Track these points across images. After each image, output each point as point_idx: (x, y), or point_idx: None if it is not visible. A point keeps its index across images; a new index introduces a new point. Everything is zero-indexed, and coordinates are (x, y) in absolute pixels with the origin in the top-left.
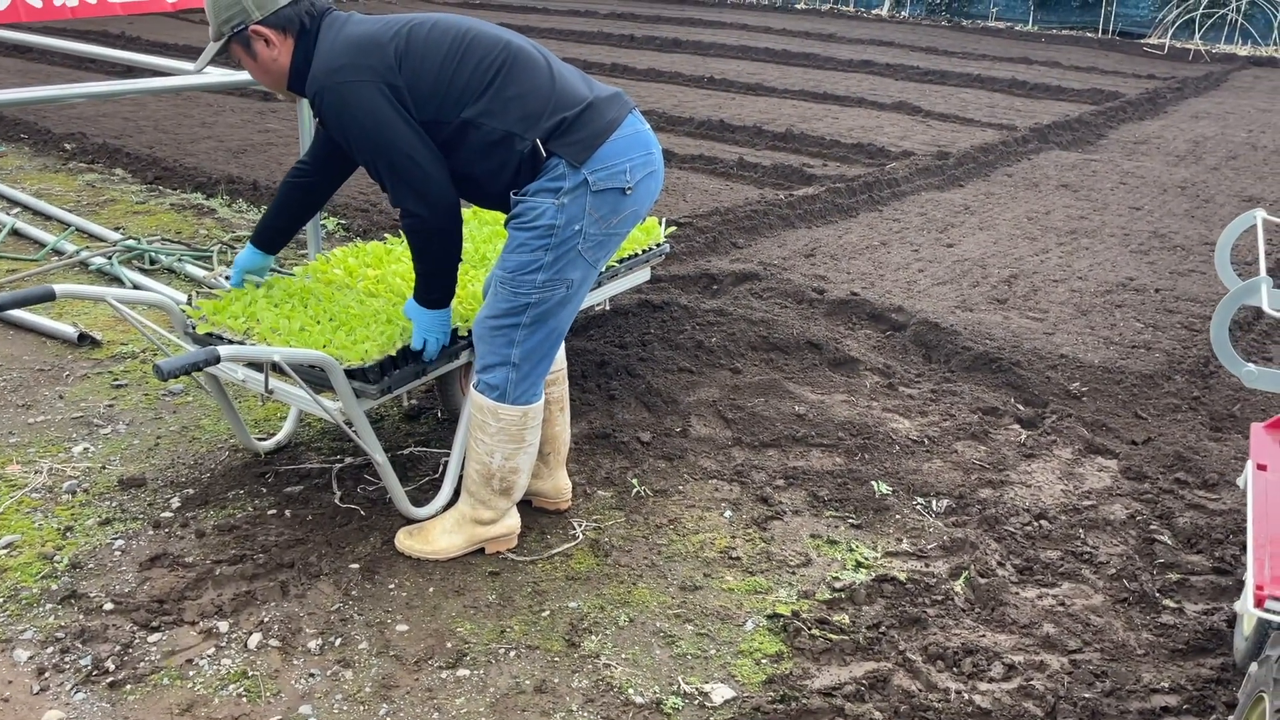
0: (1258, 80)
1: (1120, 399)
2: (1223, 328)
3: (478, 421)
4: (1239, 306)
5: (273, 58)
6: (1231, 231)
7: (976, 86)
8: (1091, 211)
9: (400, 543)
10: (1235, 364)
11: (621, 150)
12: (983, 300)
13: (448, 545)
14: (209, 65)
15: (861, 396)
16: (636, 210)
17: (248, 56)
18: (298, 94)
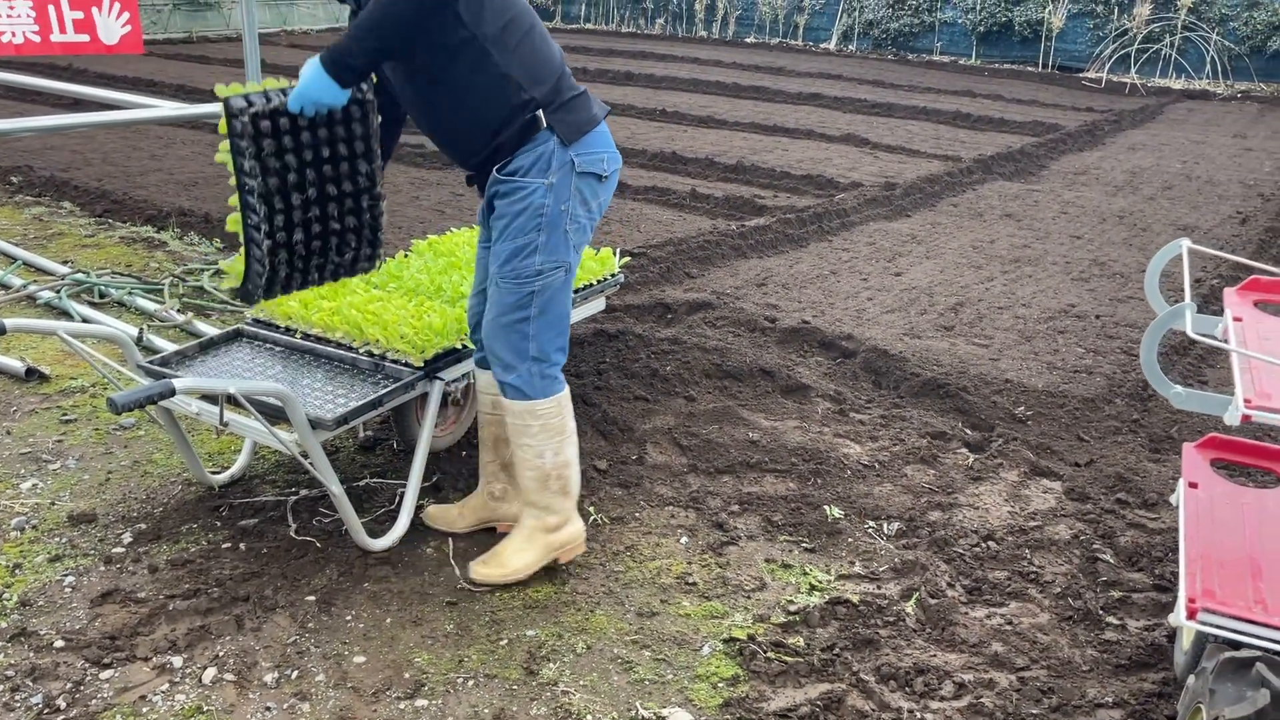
0: (1191, 113)
1: (1063, 422)
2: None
3: (517, 428)
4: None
5: None
6: (1159, 260)
7: (922, 119)
8: (1034, 240)
9: (476, 573)
10: (1164, 386)
11: (602, 142)
12: (930, 328)
13: (522, 564)
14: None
15: (813, 422)
16: (603, 202)
17: None
18: None
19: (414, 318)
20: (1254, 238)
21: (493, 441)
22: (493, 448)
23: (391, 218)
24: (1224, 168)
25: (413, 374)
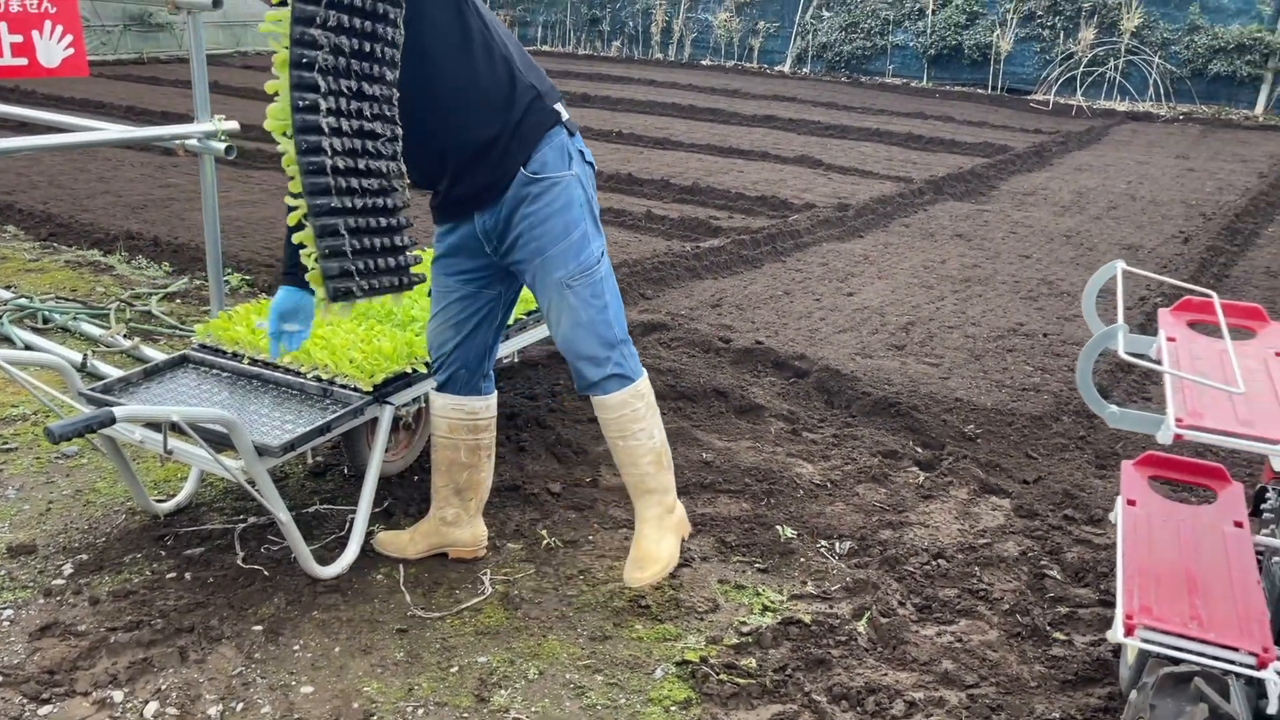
0: (1135, 134)
1: (1012, 440)
2: (1086, 372)
3: (626, 418)
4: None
5: None
6: (1096, 282)
7: (875, 140)
8: (984, 260)
9: (638, 580)
10: (1099, 406)
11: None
12: (882, 347)
13: (670, 552)
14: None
15: (766, 442)
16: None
17: None
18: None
19: (363, 342)
20: (1196, 256)
21: (447, 466)
22: (446, 472)
23: None
24: (1167, 188)
25: (362, 399)
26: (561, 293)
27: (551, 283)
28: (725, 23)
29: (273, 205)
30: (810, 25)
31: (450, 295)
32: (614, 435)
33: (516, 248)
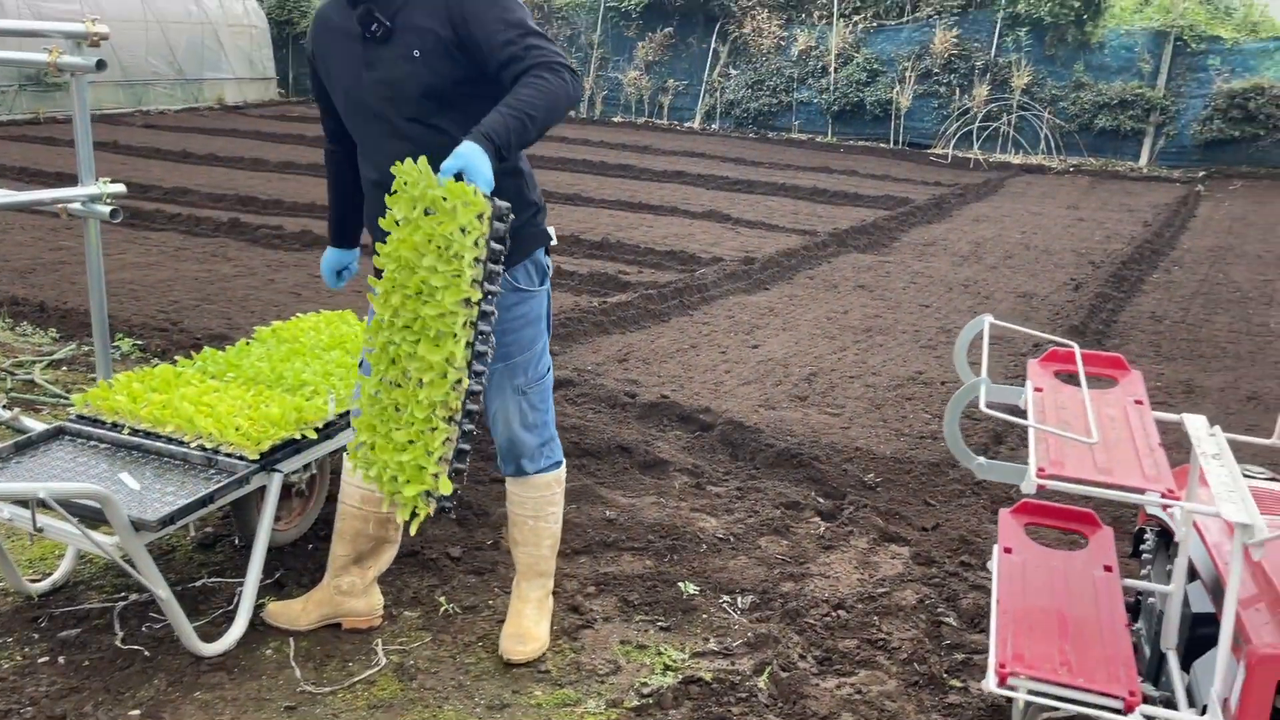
0: (1029, 186)
1: (911, 487)
2: (954, 424)
3: (546, 499)
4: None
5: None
6: (965, 336)
7: (782, 195)
8: (885, 310)
9: (518, 654)
10: (967, 458)
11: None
12: (785, 398)
13: (547, 633)
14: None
15: (671, 498)
16: None
17: None
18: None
19: (250, 408)
20: (1086, 303)
21: (352, 536)
22: (350, 541)
23: (245, 301)
24: (1059, 237)
25: (247, 467)
26: (516, 398)
27: (508, 387)
28: (635, 80)
29: (169, 267)
30: (718, 83)
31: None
32: (527, 514)
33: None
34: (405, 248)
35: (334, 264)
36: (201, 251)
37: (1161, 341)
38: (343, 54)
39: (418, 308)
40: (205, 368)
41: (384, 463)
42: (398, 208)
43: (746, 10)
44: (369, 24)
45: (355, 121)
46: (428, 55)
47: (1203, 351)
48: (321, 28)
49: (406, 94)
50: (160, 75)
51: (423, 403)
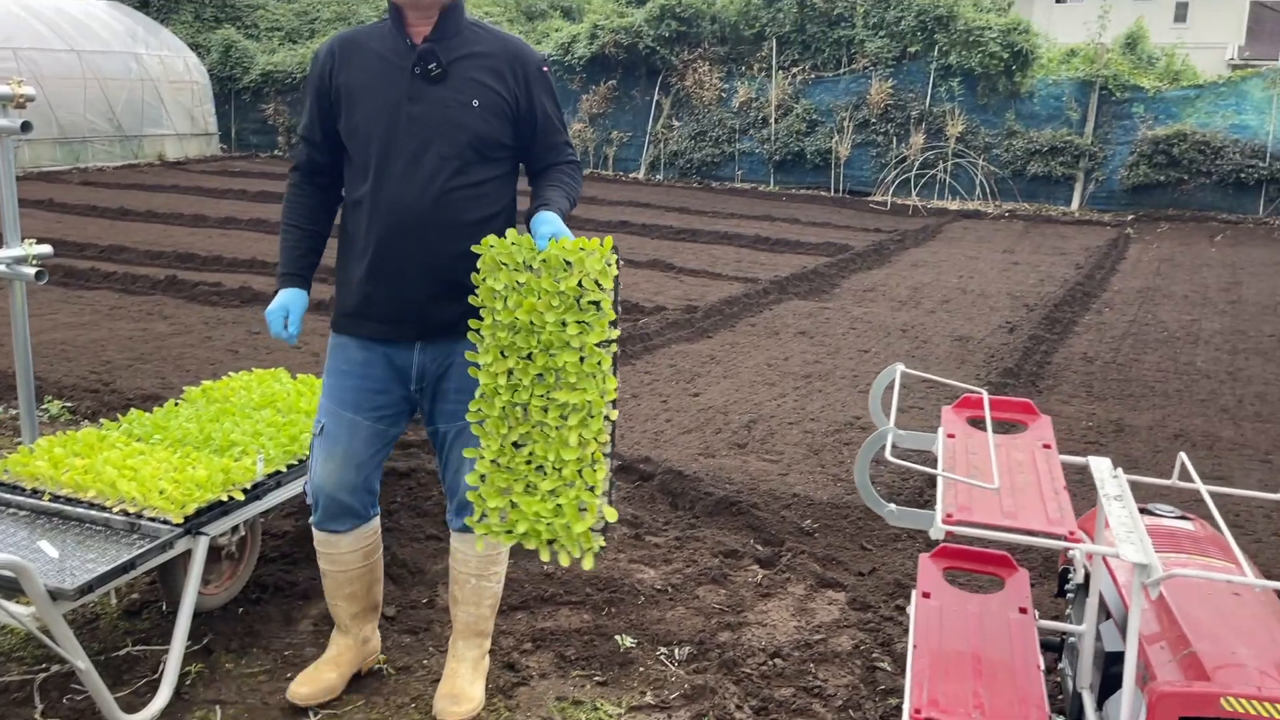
0: (966, 231)
1: (848, 533)
2: (864, 473)
3: (492, 557)
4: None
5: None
6: (879, 384)
7: (725, 243)
8: (825, 355)
9: (455, 713)
10: (879, 505)
11: None
12: (724, 446)
13: (481, 694)
14: None
15: (609, 549)
16: None
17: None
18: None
19: (176, 470)
20: (1020, 345)
21: (366, 589)
22: (363, 597)
23: (180, 360)
24: (994, 281)
25: (171, 531)
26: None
27: (474, 438)
28: (579, 133)
29: (103, 327)
30: (661, 134)
31: (357, 433)
32: (471, 572)
33: (453, 399)
34: (524, 311)
35: (301, 307)
36: (137, 310)
37: (1093, 382)
38: (380, 80)
39: (548, 361)
40: (131, 430)
41: (533, 515)
42: (495, 279)
43: (688, 64)
44: (429, 61)
45: (375, 148)
46: (485, 109)
47: (1132, 391)
48: (351, 51)
49: (456, 137)
50: (99, 132)
51: (573, 445)
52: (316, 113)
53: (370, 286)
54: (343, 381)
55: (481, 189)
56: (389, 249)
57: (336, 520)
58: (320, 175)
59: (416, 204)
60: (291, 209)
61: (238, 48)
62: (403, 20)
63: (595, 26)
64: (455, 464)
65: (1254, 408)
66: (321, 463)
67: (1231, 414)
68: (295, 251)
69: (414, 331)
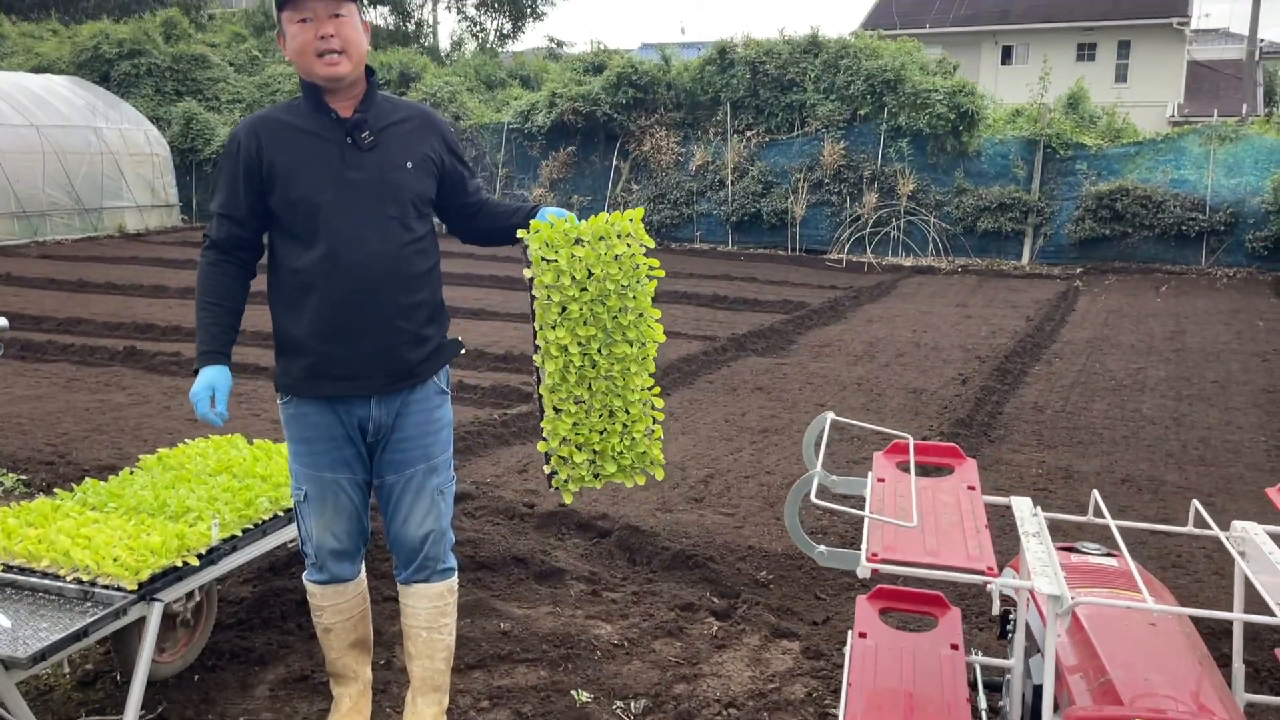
0: (920, 286)
1: (802, 583)
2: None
3: (441, 609)
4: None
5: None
6: (812, 431)
7: (685, 302)
8: (782, 410)
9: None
10: (808, 547)
11: None
12: (681, 500)
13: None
14: None
15: (567, 606)
16: None
17: (363, 20)
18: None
19: (130, 537)
20: (972, 396)
21: (367, 629)
22: (367, 634)
23: (138, 430)
24: (948, 335)
25: (125, 598)
26: (433, 498)
27: (428, 488)
28: (540, 198)
29: (60, 399)
30: (621, 198)
31: (341, 489)
32: (422, 625)
33: (403, 448)
34: (593, 282)
35: (226, 386)
36: (94, 381)
37: (1043, 430)
38: (314, 153)
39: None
40: (86, 499)
41: (615, 454)
42: (558, 257)
43: (645, 129)
44: (362, 131)
45: (321, 216)
46: (418, 168)
47: (1081, 438)
48: (275, 129)
49: (399, 196)
50: (58, 205)
51: (636, 387)
52: (243, 189)
53: (330, 346)
54: (311, 448)
55: (422, 243)
56: (347, 307)
57: (342, 568)
58: (240, 251)
59: (372, 262)
60: (209, 286)
61: (199, 120)
62: (323, 99)
63: (554, 94)
64: (404, 514)
65: (1198, 452)
66: (315, 522)
67: (1176, 458)
68: (215, 328)
69: (371, 385)
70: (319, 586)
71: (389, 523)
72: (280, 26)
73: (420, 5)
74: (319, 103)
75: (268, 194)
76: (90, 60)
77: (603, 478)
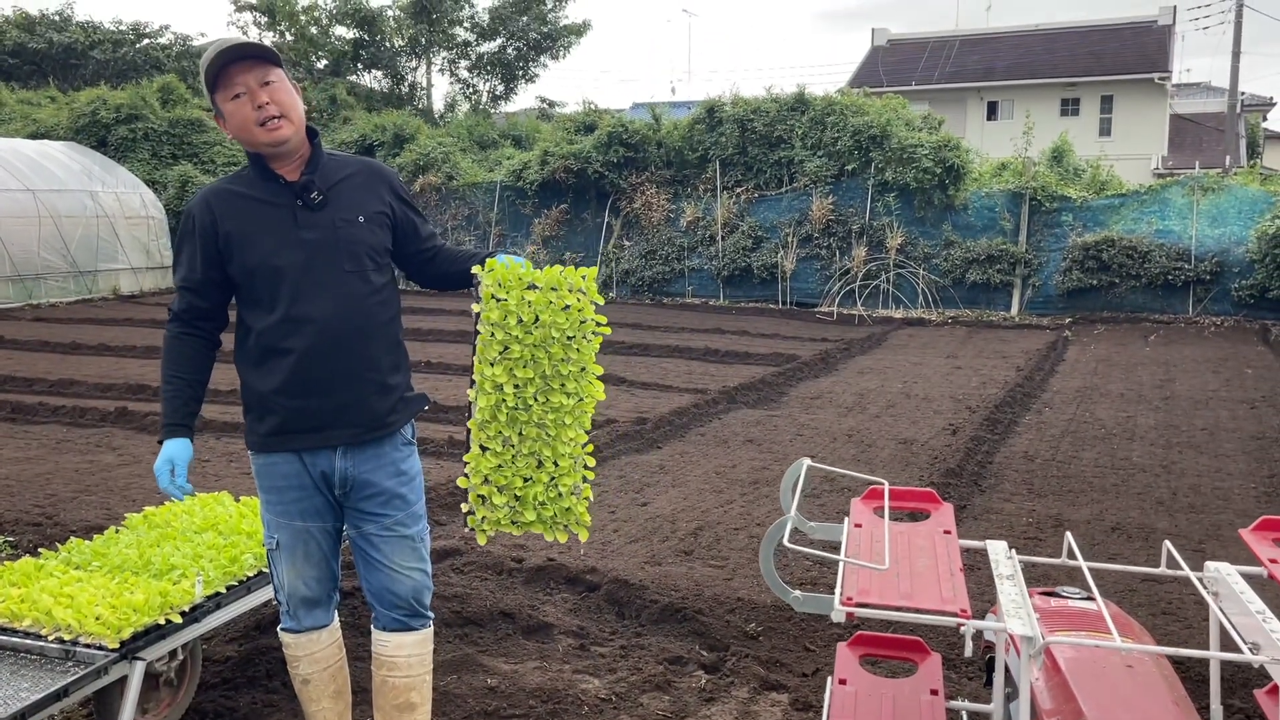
0: (911, 338)
1: (791, 635)
2: (769, 560)
3: (421, 658)
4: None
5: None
6: (789, 477)
7: (676, 356)
8: (772, 462)
9: None
10: (784, 592)
11: None
12: (670, 553)
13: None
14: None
15: (554, 661)
16: None
17: (293, 82)
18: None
19: (112, 595)
20: (962, 446)
21: (345, 681)
22: (345, 686)
23: (126, 490)
24: (938, 385)
25: (106, 657)
26: (415, 546)
27: (403, 537)
28: (533, 255)
29: (50, 461)
30: (613, 254)
31: (311, 536)
32: (399, 676)
33: (373, 499)
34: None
35: (186, 458)
36: (85, 443)
37: (1034, 479)
38: (265, 222)
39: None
40: (70, 559)
41: (537, 504)
42: (508, 297)
43: (636, 187)
44: (310, 191)
45: (281, 277)
46: (370, 221)
47: (1071, 487)
48: (227, 200)
49: (354, 250)
50: (53, 269)
51: (568, 439)
52: (200, 262)
53: (299, 400)
54: (282, 497)
55: (382, 294)
56: (312, 363)
57: (315, 616)
58: (201, 321)
59: (334, 317)
60: (173, 360)
61: (194, 183)
62: (269, 166)
63: (546, 153)
64: (385, 564)
65: (1187, 499)
66: (286, 570)
67: (1166, 506)
68: (177, 401)
69: (338, 437)
70: (293, 636)
71: (370, 573)
72: (216, 109)
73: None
74: (265, 170)
75: (226, 263)
76: (88, 125)
77: (521, 525)
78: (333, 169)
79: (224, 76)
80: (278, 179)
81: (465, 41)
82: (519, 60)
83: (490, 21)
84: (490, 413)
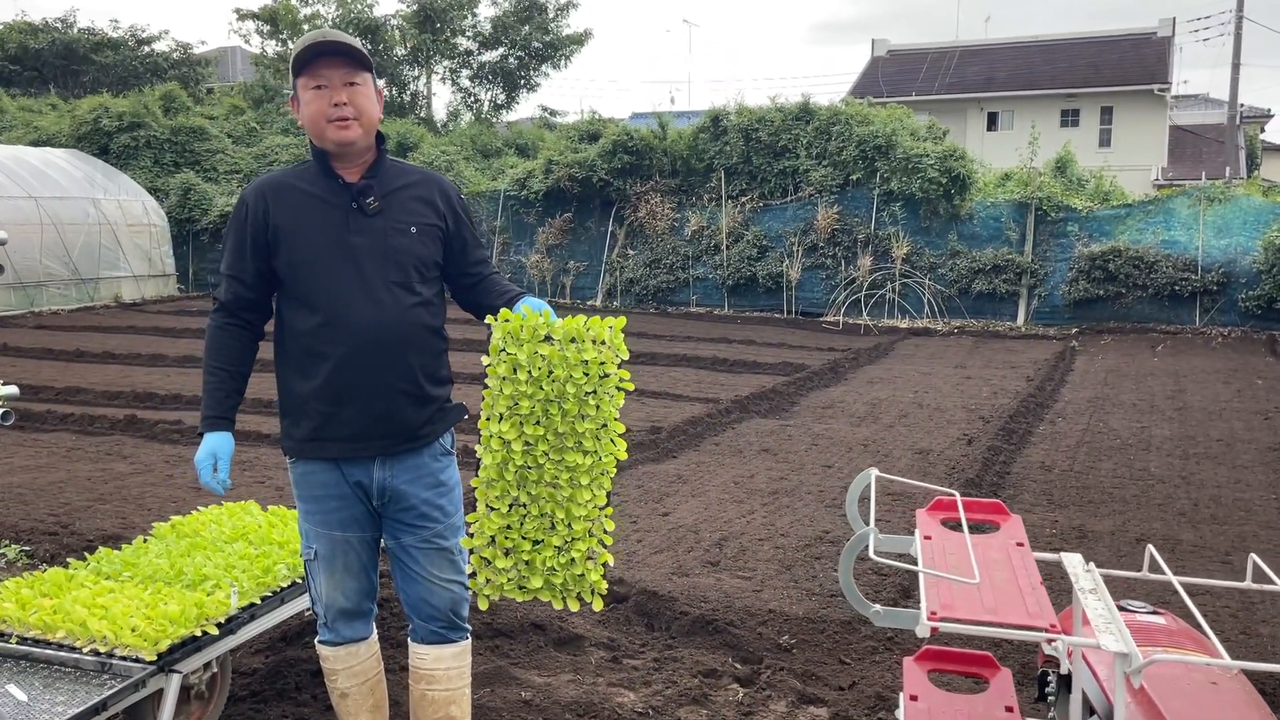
0: (918, 348)
1: (825, 647)
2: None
3: (462, 670)
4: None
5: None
6: (855, 489)
7: (684, 365)
8: (790, 472)
9: None
10: (864, 606)
11: None
12: (697, 564)
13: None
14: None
15: (587, 673)
16: None
17: (378, 89)
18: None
19: (148, 607)
20: (979, 456)
21: (384, 694)
22: (384, 700)
23: (141, 499)
24: (949, 395)
25: (144, 670)
26: (450, 559)
27: (441, 550)
28: (537, 264)
29: (61, 469)
30: (617, 263)
31: (350, 547)
32: (439, 689)
33: (410, 510)
34: (549, 383)
35: (228, 452)
36: (95, 451)
37: (1053, 490)
38: (319, 217)
39: (568, 428)
40: (100, 569)
41: (546, 569)
42: (518, 350)
43: (641, 195)
44: (367, 196)
45: (323, 279)
46: (422, 233)
47: (1091, 498)
48: (282, 193)
49: (402, 261)
50: (54, 276)
51: (583, 503)
52: (249, 251)
53: (335, 407)
54: (322, 506)
55: (427, 306)
56: (350, 370)
57: (354, 628)
58: (245, 311)
59: (373, 325)
60: (217, 350)
61: (196, 190)
62: (331, 165)
63: (550, 162)
64: (423, 575)
65: (1209, 510)
66: (325, 580)
67: (1189, 517)
68: (220, 393)
69: (374, 448)
70: (331, 649)
71: (407, 584)
72: (295, 91)
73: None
74: (327, 168)
75: (272, 256)
76: (90, 133)
77: (527, 591)
78: (394, 176)
79: (312, 65)
80: (337, 178)
81: (467, 51)
82: (520, 69)
83: (492, 31)
84: (496, 471)
